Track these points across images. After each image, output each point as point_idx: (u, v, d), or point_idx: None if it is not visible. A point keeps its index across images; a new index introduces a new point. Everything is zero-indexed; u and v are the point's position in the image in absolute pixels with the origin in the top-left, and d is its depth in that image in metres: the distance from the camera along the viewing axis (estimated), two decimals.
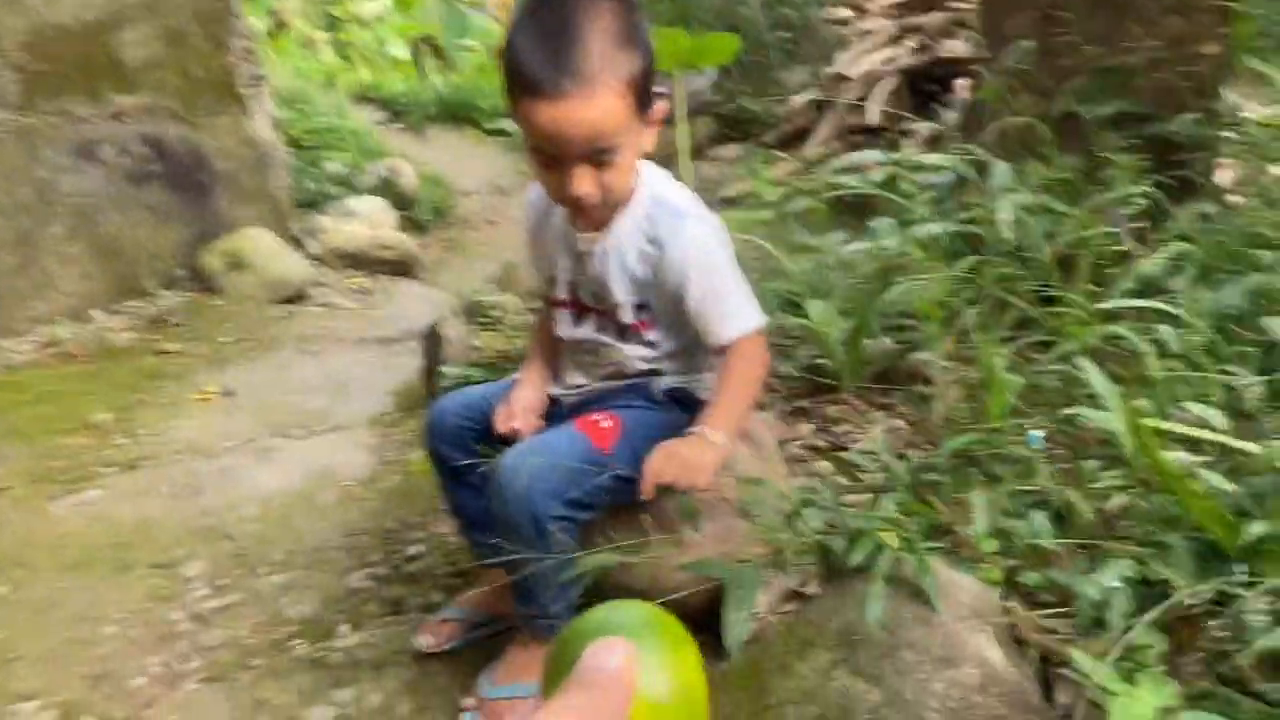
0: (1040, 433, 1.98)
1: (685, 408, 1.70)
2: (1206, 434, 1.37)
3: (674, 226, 1.57)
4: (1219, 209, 2.19)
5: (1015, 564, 1.47)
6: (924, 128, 4.54)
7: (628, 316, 1.66)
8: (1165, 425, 1.42)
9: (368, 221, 5.92)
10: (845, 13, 6.55)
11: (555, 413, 1.79)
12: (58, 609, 2.29)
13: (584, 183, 1.45)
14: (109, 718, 1.96)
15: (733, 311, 1.61)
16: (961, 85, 4.59)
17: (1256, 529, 1.22)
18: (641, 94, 1.45)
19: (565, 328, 1.75)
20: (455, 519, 1.95)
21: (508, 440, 1.72)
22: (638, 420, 1.65)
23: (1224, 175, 2.56)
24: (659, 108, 1.53)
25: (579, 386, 1.77)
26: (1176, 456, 1.33)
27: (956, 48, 5.34)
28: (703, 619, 1.63)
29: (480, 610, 1.94)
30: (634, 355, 1.69)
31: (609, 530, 1.64)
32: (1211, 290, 1.73)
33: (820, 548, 1.59)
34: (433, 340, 3.06)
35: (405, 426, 3.08)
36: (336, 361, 4.16)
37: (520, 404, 1.74)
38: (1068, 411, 1.57)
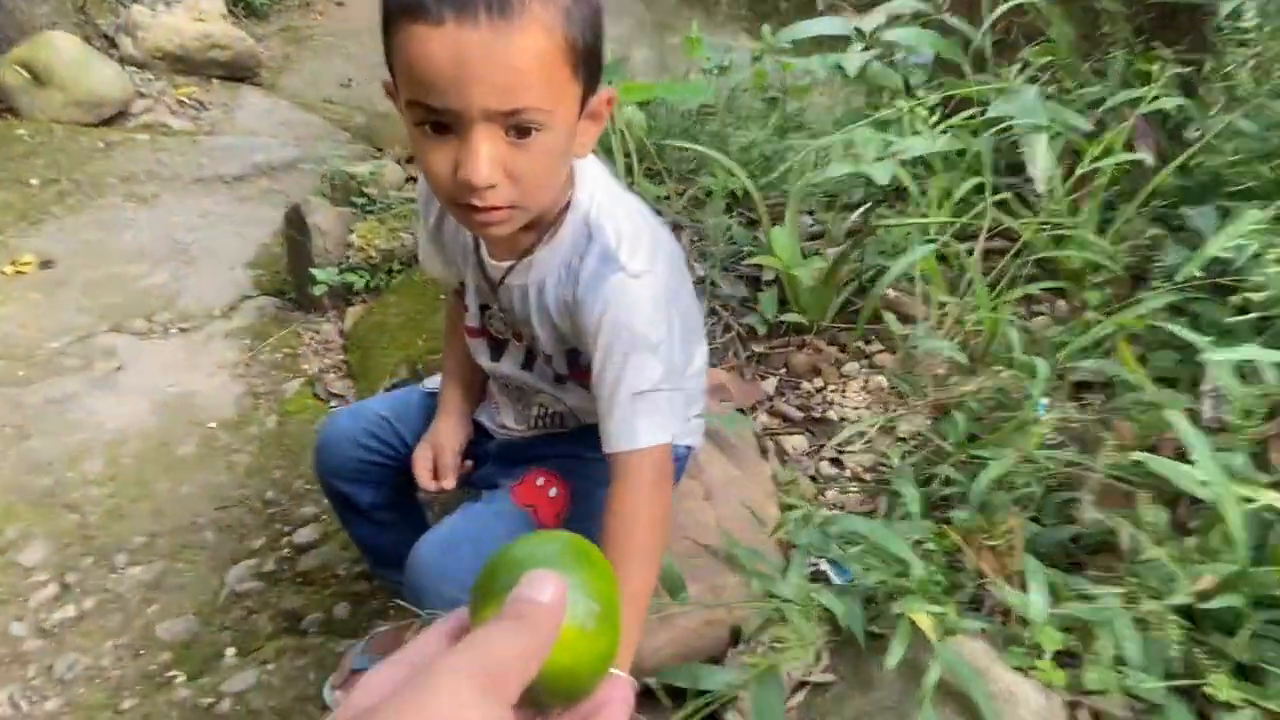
0: (1046, 400, 1.72)
1: None
2: None
3: (596, 277, 1.11)
4: (1229, 100, 1.86)
5: (1078, 652, 1.22)
6: None
7: (561, 366, 1.26)
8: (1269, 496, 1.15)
9: (192, 10, 5.04)
10: None
11: (482, 447, 1.40)
12: None
13: (487, 162, 0.93)
14: None
15: (629, 418, 1.11)
16: None
17: None
18: (584, 51, 0.96)
19: (481, 358, 1.34)
20: (361, 552, 1.59)
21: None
22: (591, 481, 1.28)
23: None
24: (604, 96, 1.04)
25: (508, 428, 1.38)
26: None
27: None
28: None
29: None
30: (575, 405, 1.31)
31: None
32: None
33: (830, 620, 1.31)
34: (299, 228, 2.54)
35: (271, 334, 2.61)
36: (174, 213, 3.55)
37: (447, 450, 1.35)
38: (1136, 455, 1.28)
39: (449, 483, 1.33)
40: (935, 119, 1.83)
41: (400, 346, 2.26)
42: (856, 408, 1.79)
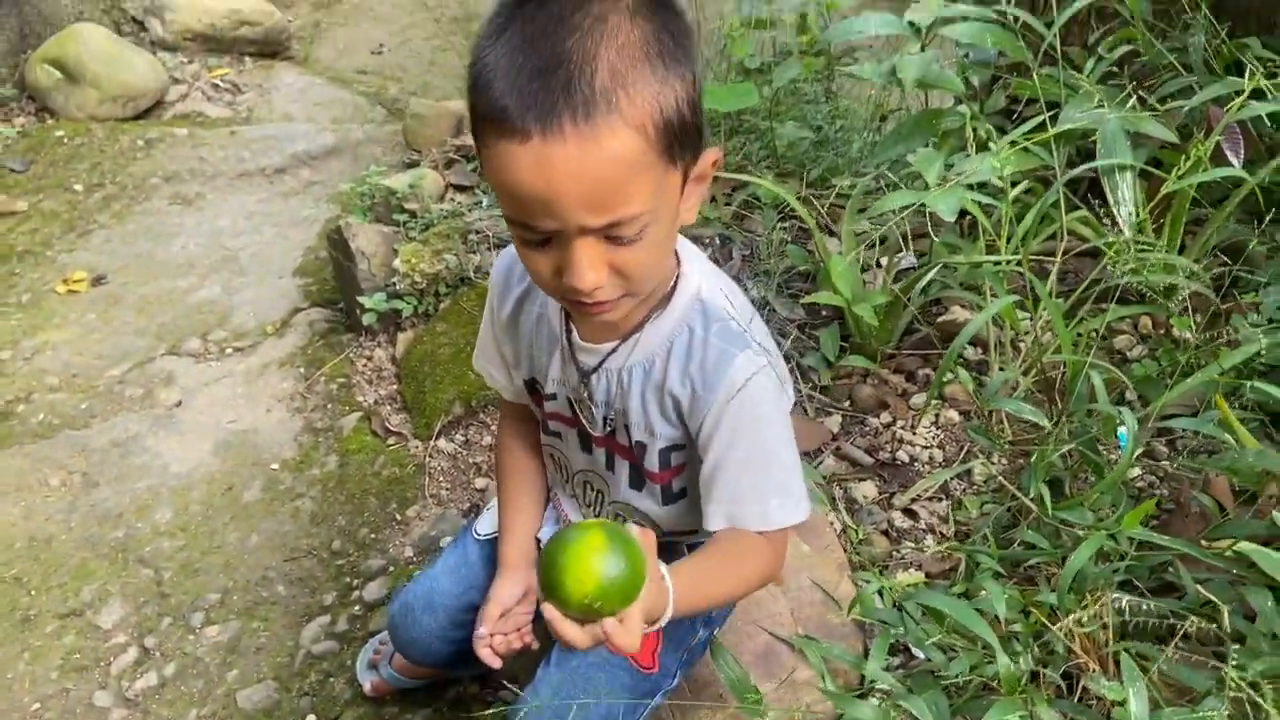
0: (1125, 431, 1.63)
1: None
2: None
3: (723, 359, 1.07)
4: None
5: None
6: None
7: (652, 461, 1.19)
8: None
9: None
10: None
11: None
12: None
13: (590, 269, 0.91)
14: None
15: (751, 500, 1.11)
16: None
17: None
18: (678, 132, 0.90)
19: (571, 451, 1.28)
20: None
21: None
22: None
23: None
24: (708, 158, 0.98)
25: None
26: None
27: None
28: None
29: (416, 678, 1.70)
30: (649, 512, 1.24)
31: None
32: None
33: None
34: (343, 251, 2.49)
35: (324, 361, 2.58)
36: (220, 215, 3.53)
37: (515, 616, 1.26)
38: (1238, 547, 1.20)
39: (518, 643, 1.25)
40: (1002, 128, 1.71)
41: (453, 381, 2.22)
42: (928, 446, 1.72)
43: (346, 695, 1.80)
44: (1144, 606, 1.31)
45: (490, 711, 1.66)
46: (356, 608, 1.94)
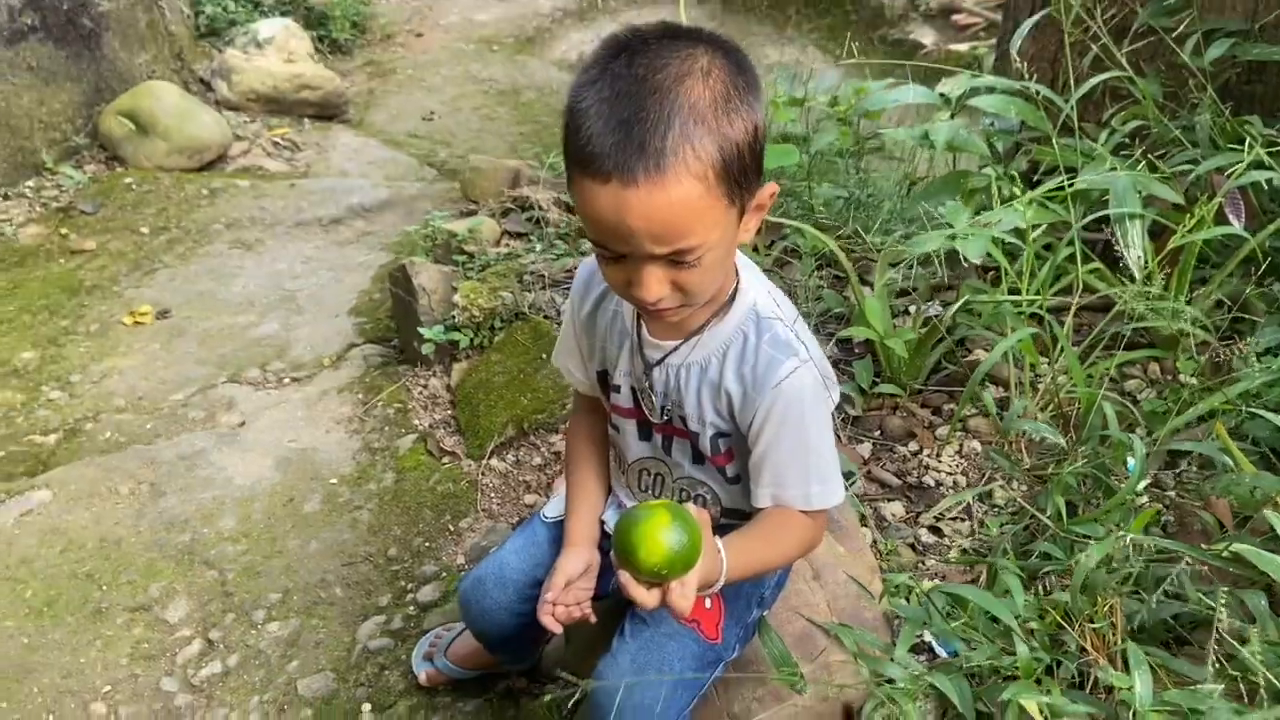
0: (1133, 459, 1.77)
1: None
2: None
3: (772, 364, 1.23)
4: None
5: None
6: None
7: (705, 445, 1.35)
8: None
9: (281, 51, 5.25)
10: None
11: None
12: (35, 675, 2.04)
13: (654, 286, 1.10)
14: None
15: (795, 485, 1.28)
16: None
17: None
18: (737, 175, 1.06)
19: (630, 441, 1.44)
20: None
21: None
22: (734, 587, 1.38)
23: None
24: (766, 191, 1.15)
25: None
26: None
27: None
28: None
29: (469, 669, 1.84)
30: (718, 489, 1.40)
31: None
32: None
33: (939, 696, 1.39)
34: (405, 288, 2.68)
35: (381, 388, 2.75)
36: (279, 260, 3.74)
37: (576, 589, 1.38)
38: (1234, 547, 1.34)
39: (578, 612, 1.35)
40: (1024, 187, 1.89)
41: (506, 405, 2.38)
42: (952, 473, 1.86)
43: (400, 686, 1.93)
44: (1147, 605, 1.45)
45: (537, 703, 1.79)
46: (411, 609, 2.08)
